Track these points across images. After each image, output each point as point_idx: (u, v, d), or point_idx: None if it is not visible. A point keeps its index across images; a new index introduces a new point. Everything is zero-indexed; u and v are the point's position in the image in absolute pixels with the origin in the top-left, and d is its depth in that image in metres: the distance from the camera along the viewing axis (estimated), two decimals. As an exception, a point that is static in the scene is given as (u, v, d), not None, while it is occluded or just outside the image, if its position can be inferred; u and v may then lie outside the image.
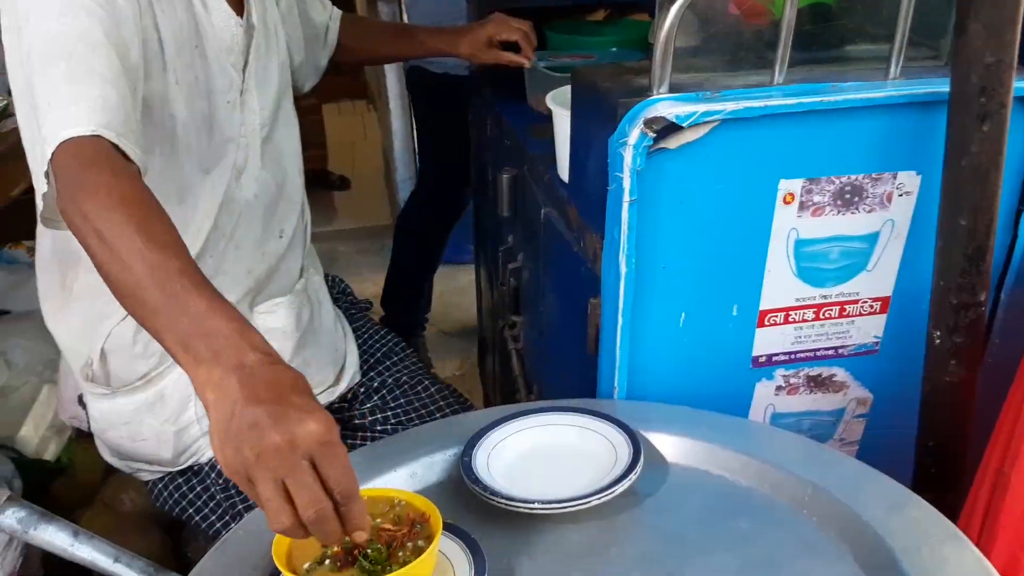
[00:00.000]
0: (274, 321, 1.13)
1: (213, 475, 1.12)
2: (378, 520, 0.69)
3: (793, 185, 0.88)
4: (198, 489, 1.13)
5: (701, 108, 0.81)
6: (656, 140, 0.80)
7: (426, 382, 1.29)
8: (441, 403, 1.27)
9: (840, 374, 1.01)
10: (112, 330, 1.09)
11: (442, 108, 2.19)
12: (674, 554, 0.71)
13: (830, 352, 1.00)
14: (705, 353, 0.97)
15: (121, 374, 1.08)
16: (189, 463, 1.12)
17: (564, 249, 1.08)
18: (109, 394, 1.09)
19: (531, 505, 0.75)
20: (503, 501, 0.76)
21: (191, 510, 1.12)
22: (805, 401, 1.03)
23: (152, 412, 1.08)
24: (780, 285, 0.94)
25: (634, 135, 0.79)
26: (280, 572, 0.65)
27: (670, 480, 0.82)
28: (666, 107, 0.81)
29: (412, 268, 2.57)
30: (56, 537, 0.67)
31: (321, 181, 3.90)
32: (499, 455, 0.85)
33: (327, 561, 0.65)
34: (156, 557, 1.77)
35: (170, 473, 1.14)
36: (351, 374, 1.24)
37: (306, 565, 0.65)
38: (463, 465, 0.82)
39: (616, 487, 0.76)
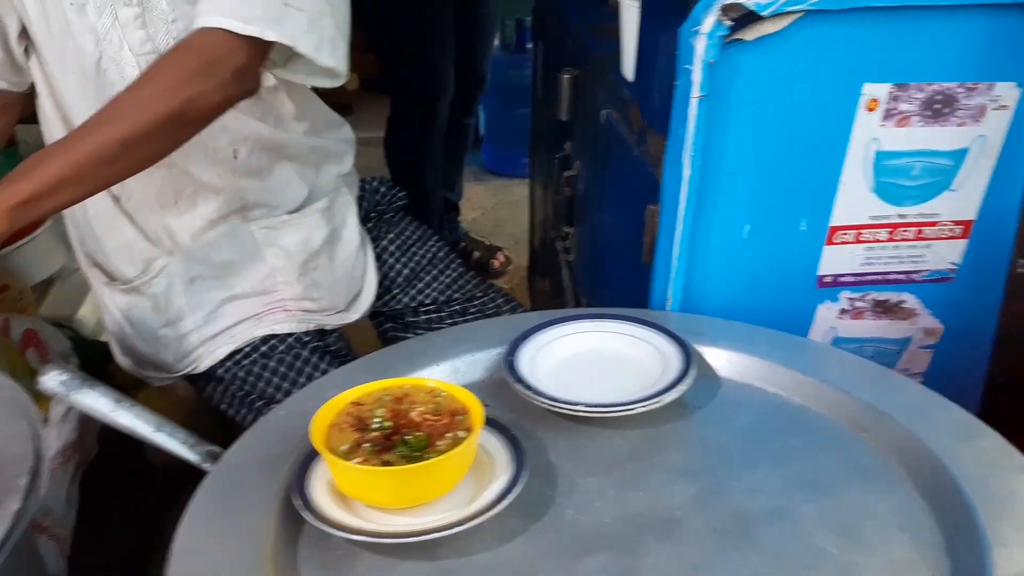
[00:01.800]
0: (279, 238, 1.10)
1: (223, 382, 1.13)
2: (419, 408, 0.68)
3: (878, 90, 0.81)
4: (215, 393, 1.15)
5: (786, -3, 0.75)
6: (732, 30, 0.74)
7: (475, 290, 1.26)
8: (499, 301, 1.25)
9: (910, 300, 0.96)
10: (80, 235, 1.11)
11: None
12: (718, 467, 0.69)
13: (901, 276, 0.94)
14: (767, 269, 0.92)
15: (112, 271, 1.10)
16: (188, 370, 1.13)
17: (624, 153, 1.03)
18: (109, 283, 1.10)
19: (575, 407, 0.73)
20: (546, 401, 0.74)
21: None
22: (869, 327, 0.97)
23: (149, 316, 1.09)
24: (854, 200, 0.88)
25: (708, 23, 0.73)
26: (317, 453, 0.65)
27: (721, 394, 0.79)
28: (748, -6, 0.74)
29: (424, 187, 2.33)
30: (98, 402, 0.68)
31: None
32: (545, 357, 0.83)
33: (366, 445, 0.64)
34: (207, 438, 1.83)
35: (173, 379, 1.15)
36: (365, 306, 1.19)
37: (343, 447, 0.64)
38: (506, 364, 0.80)
39: (664, 395, 0.73)
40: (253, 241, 1.09)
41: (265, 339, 1.11)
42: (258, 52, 0.88)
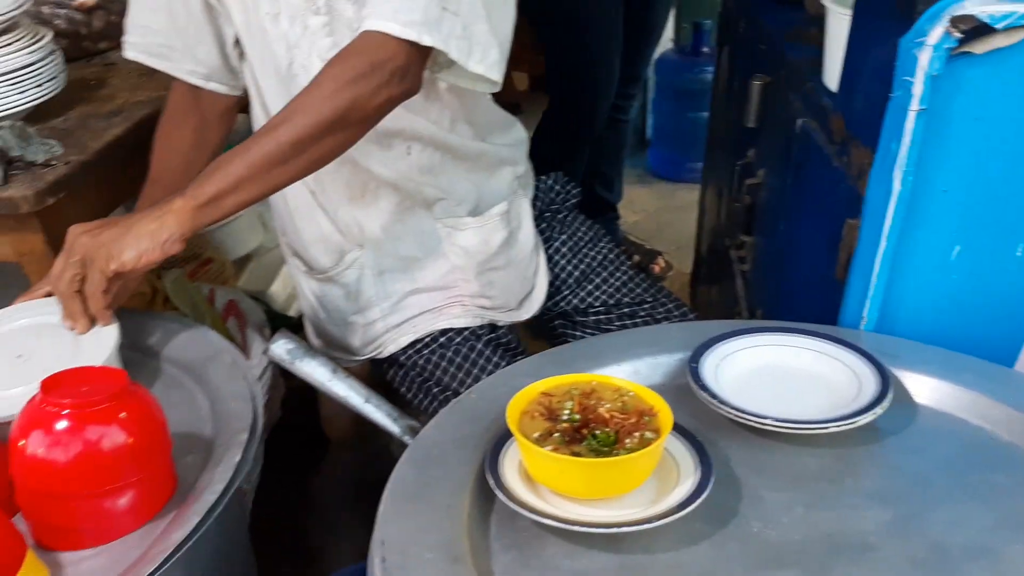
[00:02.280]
0: (460, 238, 1.14)
1: (403, 367, 1.19)
2: (607, 405, 0.70)
3: (1125, 110, 0.75)
4: (395, 377, 1.21)
5: (1022, 8, 0.70)
6: (960, 43, 0.71)
7: (645, 293, 1.27)
8: (669, 306, 1.25)
9: None
10: (283, 226, 1.19)
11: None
12: (916, 496, 0.66)
13: None
14: (974, 295, 0.87)
15: (310, 261, 1.17)
16: (372, 355, 1.20)
17: (821, 164, 1.00)
18: (307, 272, 1.18)
19: (764, 421, 0.73)
20: (732, 412, 0.74)
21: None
22: (1085, 365, 0.90)
23: (341, 303, 1.17)
24: (1081, 227, 0.82)
25: (935, 34, 0.70)
26: (509, 434, 0.68)
27: (918, 422, 0.76)
28: (978, 4, 0.70)
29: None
30: (317, 371, 0.74)
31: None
32: (729, 366, 0.82)
33: (556, 435, 0.67)
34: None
35: (358, 361, 1.22)
36: (536, 306, 1.23)
37: (535, 434, 0.67)
38: (691, 370, 0.80)
39: (860, 417, 0.71)
40: (436, 239, 1.14)
41: (443, 331, 1.16)
42: (418, 55, 0.91)
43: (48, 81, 1.21)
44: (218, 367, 0.92)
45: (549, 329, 1.34)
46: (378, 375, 1.26)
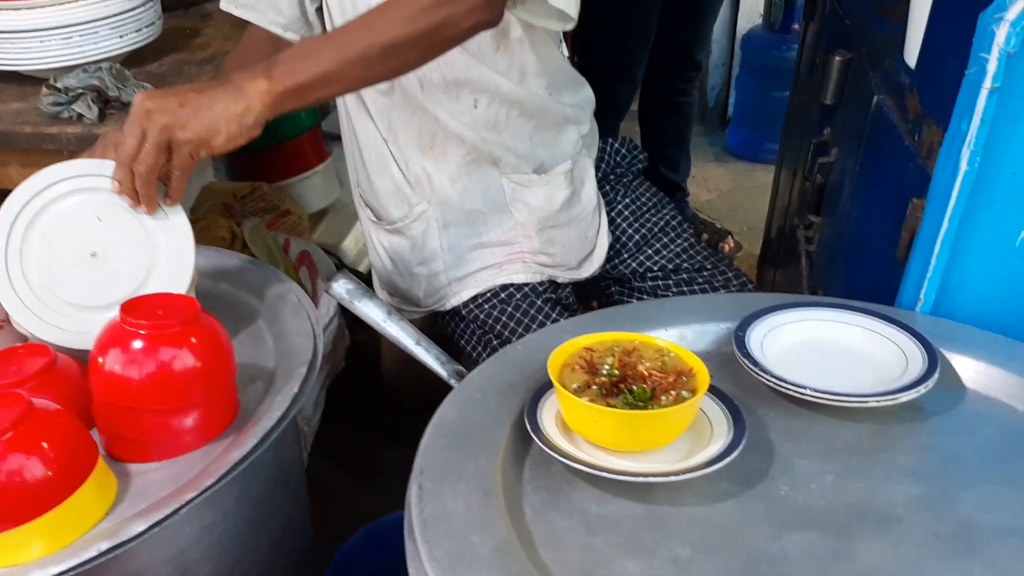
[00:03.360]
0: (525, 195, 1.16)
1: (464, 320, 1.22)
2: (646, 363, 0.71)
3: None
4: (455, 328, 1.25)
5: (1111, -11, 0.68)
6: (1043, 20, 0.69)
7: (705, 261, 1.27)
8: (729, 275, 1.25)
9: None
10: (358, 177, 1.21)
11: None
12: (950, 475, 0.66)
13: None
14: (1038, 282, 0.85)
15: (380, 212, 1.20)
16: (435, 307, 1.23)
17: (893, 142, 0.99)
18: (376, 223, 1.22)
19: (803, 390, 0.73)
20: (772, 380, 0.75)
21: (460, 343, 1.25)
22: None
23: (407, 254, 1.20)
24: None
25: (1015, 9, 0.68)
26: (550, 385, 0.71)
27: (963, 405, 0.75)
28: (1065, -17, 0.68)
29: None
30: (373, 311, 0.78)
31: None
32: (776, 337, 0.83)
33: (594, 387, 0.69)
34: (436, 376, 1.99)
35: (422, 313, 1.25)
36: (595, 266, 1.24)
37: (574, 385, 0.69)
38: (735, 338, 0.81)
39: (902, 394, 0.71)
40: (502, 194, 1.17)
41: (504, 286, 1.19)
42: None
43: (146, 27, 1.28)
44: (285, 305, 0.98)
45: (606, 295, 1.35)
46: (440, 328, 1.30)
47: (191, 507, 0.70)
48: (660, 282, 1.26)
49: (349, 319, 2.02)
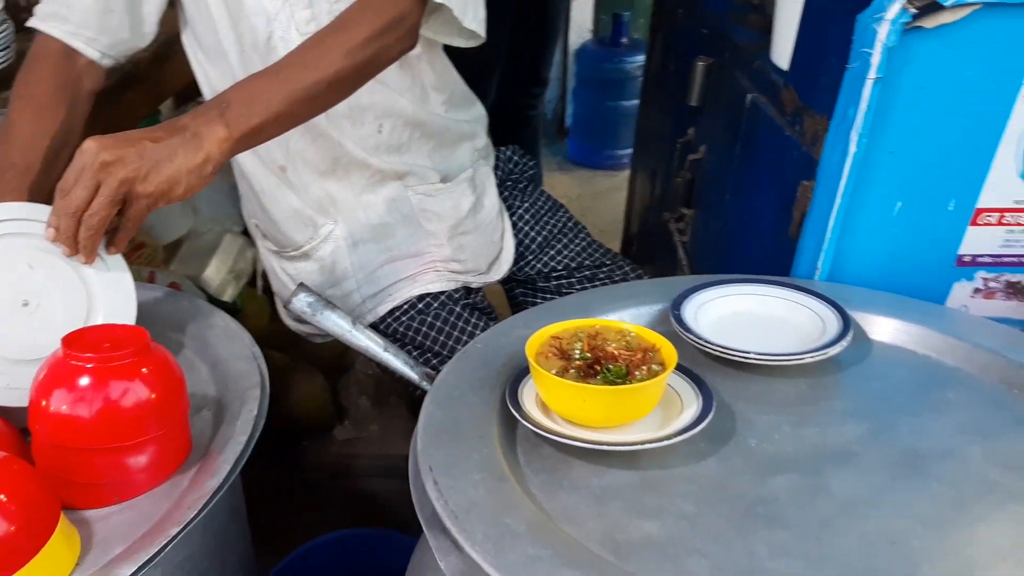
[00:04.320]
0: (432, 204, 1.19)
1: (384, 336, 1.22)
2: (613, 344, 0.76)
3: (1038, 81, 0.87)
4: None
5: (964, -11, 0.81)
6: (915, 18, 0.81)
7: (604, 257, 1.34)
8: (626, 269, 1.33)
9: (1043, 283, 1.01)
10: (251, 209, 1.20)
11: None
12: (883, 412, 0.75)
13: (1037, 260, 0.99)
14: (911, 246, 0.98)
15: (282, 240, 1.19)
16: None
17: (772, 134, 1.10)
18: (279, 252, 1.20)
19: (747, 354, 0.81)
20: (719, 349, 0.82)
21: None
22: (1000, 307, 1.03)
23: (316, 278, 1.19)
24: (1002, 185, 0.93)
25: (893, 10, 0.80)
26: (523, 375, 0.74)
27: (874, 355, 0.86)
28: (927, -16, 0.80)
29: None
30: (337, 323, 0.77)
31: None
32: (705, 314, 0.90)
33: (572, 371, 0.73)
34: (318, 397, 1.93)
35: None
36: (505, 268, 1.29)
37: (552, 371, 0.72)
38: (674, 316, 0.88)
39: (831, 348, 0.80)
40: (408, 206, 1.18)
41: (421, 297, 1.20)
42: (423, 11, 0.96)
43: (2, 50, 1.18)
44: (212, 332, 0.94)
45: (511, 298, 1.39)
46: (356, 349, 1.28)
47: (176, 542, 0.66)
48: (564, 281, 1.32)
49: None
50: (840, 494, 0.65)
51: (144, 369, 0.73)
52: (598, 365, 0.73)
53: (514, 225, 1.31)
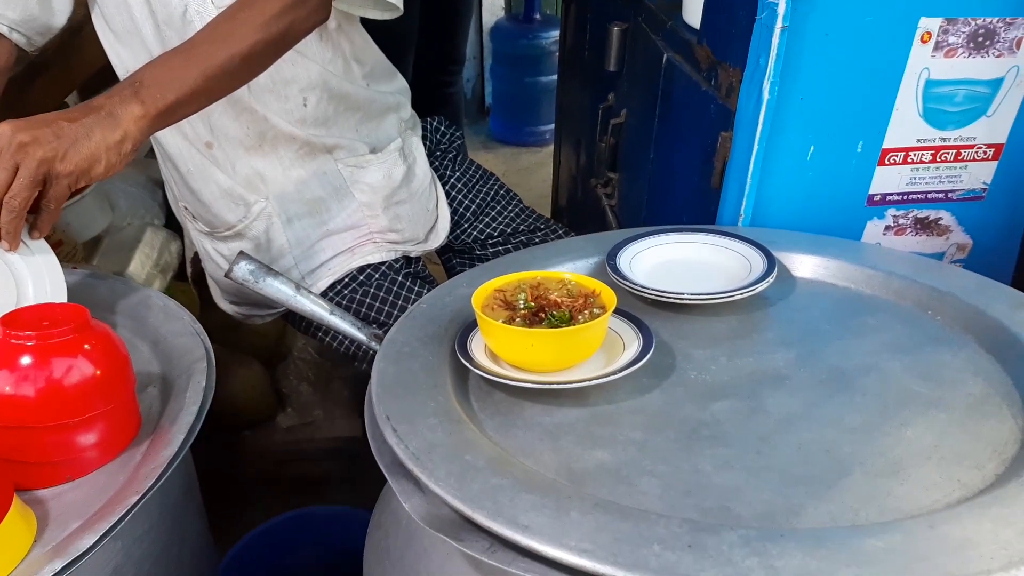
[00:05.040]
0: (364, 176, 1.20)
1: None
2: (555, 293, 0.79)
3: (932, 24, 0.93)
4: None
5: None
6: (815, -32, 0.86)
7: (537, 222, 1.37)
8: (560, 232, 1.36)
9: (946, 218, 1.08)
10: (179, 192, 1.19)
11: None
12: (809, 338, 0.80)
13: (940, 196, 1.06)
14: (825, 188, 1.03)
15: (213, 221, 1.18)
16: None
17: (689, 91, 1.14)
18: (210, 233, 1.19)
19: (681, 295, 0.85)
20: (653, 292, 0.86)
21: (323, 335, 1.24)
22: (910, 242, 1.10)
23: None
24: (904, 125, 1.00)
25: (797, -39, 0.84)
26: (470, 329, 0.76)
27: (799, 290, 0.91)
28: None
29: None
30: (280, 291, 0.78)
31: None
32: (639, 262, 0.94)
33: (517, 320, 0.75)
34: (257, 386, 1.91)
35: (276, 315, 1.24)
36: (442, 236, 1.31)
37: (499, 321, 0.75)
38: (610, 266, 0.91)
39: (757, 286, 0.85)
40: (340, 179, 1.18)
41: (361, 269, 1.21)
42: None
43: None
44: (149, 311, 0.93)
45: (448, 269, 1.41)
46: (296, 325, 1.27)
47: (134, 513, 0.66)
48: (500, 247, 1.34)
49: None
50: (776, 412, 0.69)
51: (86, 345, 0.72)
52: (542, 313, 0.76)
53: (447, 194, 1.32)
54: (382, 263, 1.21)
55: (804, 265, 0.94)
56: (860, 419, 0.67)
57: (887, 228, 1.09)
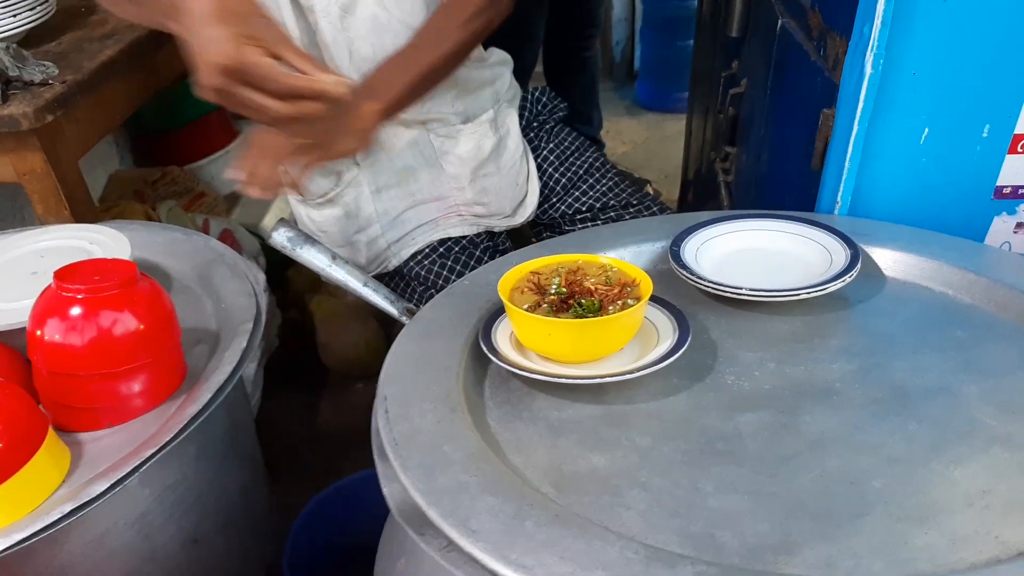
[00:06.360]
0: (454, 147, 1.17)
1: (405, 278, 1.23)
2: (592, 279, 0.74)
3: (1085, -14, 0.78)
4: (399, 289, 1.25)
5: None
6: (930, -81, 0.73)
7: (631, 197, 1.30)
8: (654, 209, 1.29)
9: (1097, 217, 0.92)
10: None
11: None
12: (881, 350, 0.71)
13: (1090, 191, 0.90)
14: (943, 177, 0.90)
15: (307, 187, 1.19)
16: (379, 270, 1.23)
17: (800, 60, 1.03)
18: (302, 200, 1.21)
19: (738, 291, 0.77)
20: (710, 285, 0.78)
21: None
22: (1049, 243, 0.94)
23: (342, 224, 1.19)
24: (1045, 107, 0.85)
25: (905, -86, 0.73)
26: (502, 310, 0.73)
27: (885, 291, 0.80)
28: None
29: None
30: (317, 258, 0.78)
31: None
32: (709, 250, 0.87)
33: (544, 305, 0.71)
34: (372, 342, 1.97)
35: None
36: (529, 211, 1.27)
37: (525, 306, 0.71)
38: (671, 253, 0.84)
39: (829, 285, 0.76)
40: (431, 149, 1.17)
41: (442, 241, 1.20)
42: None
43: (40, 5, 1.23)
44: (220, 269, 0.96)
45: (539, 241, 1.37)
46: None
47: (150, 466, 0.69)
48: (590, 224, 1.29)
49: (279, 296, 1.99)
50: (809, 431, 0.61)
51: (133, 301, 0.75)
52: (572, 299, 0.72)
53: (539, 167, 1.28)
54: (463, 237, 1.20)
55: (898, 264, 0.83)
56: (905, 449, 0.58)
57: (1019, 226, 0.94)
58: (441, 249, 1.20)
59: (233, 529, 0.89)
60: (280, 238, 0.79)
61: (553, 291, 0.73)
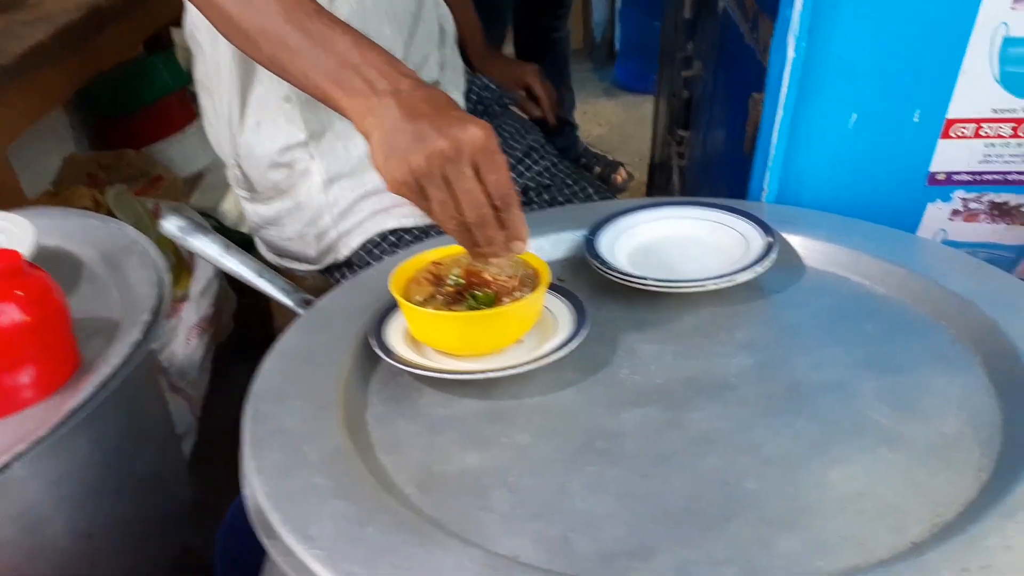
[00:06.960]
0: None
1: (355, 269, 1.20)
2: (493, 270, 0.71)
3: (1011, -35, 0.74)
4: (347, 276, 1.22)
5: None
6: None
7: (567, 178, 1.27)
8: (590, 191, 1.26)
9: (1033, 205, 0.89)
10: (238, 140, 1.16)
11: None
12: (784, 344, 0.68)
13: (1023, 177, 0.87)
14: (873, 163, 0.87)
15: (258, 182, 1.15)
16: (330, 262, 1.20)
17: (737, 42, 1.00)
18: (251, 198, 1.18)
19: (645, 282, 0.74)
20: (618, 276, 0.76)
21: None
22: (984, 231, 0.91)
23: (292, 217, 1.15)
24: (976, 91, 0.82)
25: None
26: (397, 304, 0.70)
27: (802, 281, 0.78)
28: None
29: None
30: (209, 247, 0.75)
31: None
32: (627, 239, 0.84)
33: (439, 297, 0.68)
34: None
35: (317, 270, 1.22)
36: None
37: (419, 298, 0.68)
38: (586, 242, 0.82)
39: (738, 275, 0.73)
40: None
41: (394, 231, 1.17)
42: None
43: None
44: (130, 257, 0.93)
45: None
46: (335, 282, 1.26)
47: (34, 458, 0.67)
48: (526, 206, 1.26)
49: (234, 282, 1.97)
50: (694, 429, 0.59)
51: (18, 292, 0.73)
52: (467, 291, 0.69)
53: None
54: (414, 227, 1.17)
55: (817, 253, 0.80)
56: (785, 449, 0.56)
57: (955, 213, 0.91)
58: (392, 238, 1.17)
59: (138, 522, 0.86)
60: (170, 227, 0.76)
61: (451, 282, 0.70)
